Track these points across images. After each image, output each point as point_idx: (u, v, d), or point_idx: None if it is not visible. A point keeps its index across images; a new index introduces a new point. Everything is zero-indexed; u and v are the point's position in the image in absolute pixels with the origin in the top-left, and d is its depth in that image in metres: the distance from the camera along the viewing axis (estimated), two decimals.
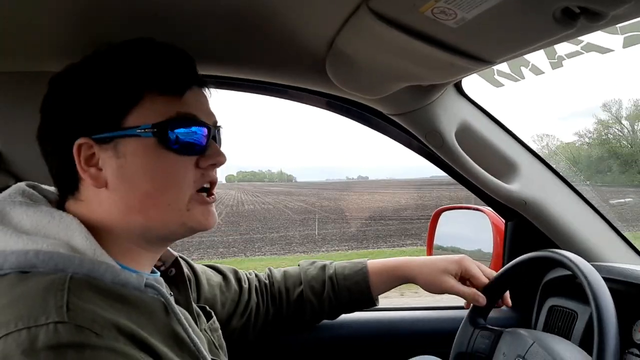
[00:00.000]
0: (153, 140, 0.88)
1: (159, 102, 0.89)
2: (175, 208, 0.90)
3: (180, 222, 0.91)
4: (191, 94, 0.93)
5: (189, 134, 0.90)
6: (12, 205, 0.87)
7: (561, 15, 0.74)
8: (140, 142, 0.88)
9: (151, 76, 0.89)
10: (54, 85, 0.92)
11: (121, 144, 0.88)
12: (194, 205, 0.92)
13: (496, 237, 1.76)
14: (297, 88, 1.51)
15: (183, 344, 0.88)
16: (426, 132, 1.46)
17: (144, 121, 0.88)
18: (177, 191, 0.90)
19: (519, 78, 1.37)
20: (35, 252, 0.80)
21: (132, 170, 0.88)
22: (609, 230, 1.60)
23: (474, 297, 1.35)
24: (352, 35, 1.05)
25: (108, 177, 0.88)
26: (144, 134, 0.87)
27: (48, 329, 0.69)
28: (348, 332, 1.64)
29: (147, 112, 0.88)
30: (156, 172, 0.89)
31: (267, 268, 1.52)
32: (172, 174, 0.90)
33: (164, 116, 0.89)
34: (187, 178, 0.91)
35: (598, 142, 47.52)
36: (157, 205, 0.90)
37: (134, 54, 0.91)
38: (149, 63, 0.90)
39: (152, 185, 0.89)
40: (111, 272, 0.82)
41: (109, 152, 0.88)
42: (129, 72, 0.89)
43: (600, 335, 0.95)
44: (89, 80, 0.89)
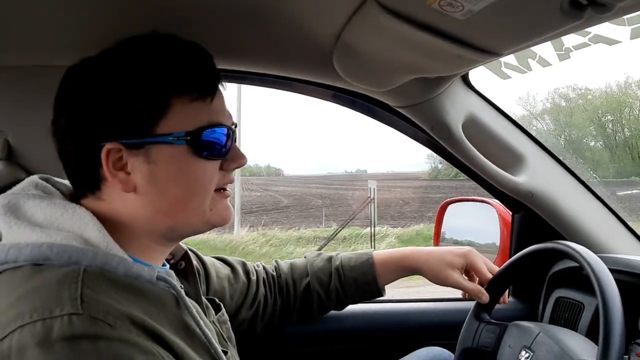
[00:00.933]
0: (185, 148, 0.89)
1: (190, 109, 0.89)
2: (200, 210, 0.93)
3: (204, 221, 0.94)
4: (217, 98, 0.94)
5: (216, 140, 0.92)
6: (26, 199, 0.88)
7: (568, 7, 0.74)
8: (172, 149, 0.88)
9: (181, 81, 0.89)
10: (73, 80, 0.91)
11: (153, 150, 0.88)
12: (215, 204, 0.95)
13: (503, 229, 1.76)
14: (303, 81, 1.51)
15: (194, 336, 0.89)
16: (433, 124, 1.47)
17: (176, 128, 0.88)
18: (204, 195, 0.93)
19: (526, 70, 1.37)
20: (49, 245, 0.81)
21: (163, 176, 0.89)
22: (615, 221, 1.60)
23: (478, 295, 1.36)
24: (359, 27, 1.05)
25: (137, 182, 0.89)
26: (177, 142, 0.88)
27: (62, 320, 0.70)
28: (355, 323, 1.65)
29: (179, 119, 0.88)
30: (187, 178, 0.91)
31: (274, 260, 1.53)
32: (201, 180, 0.92)
33: (196, 123, 0.89)
34: (213, 181, 0.94)
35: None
36: (185, 209, 0.92)
37: (161, 55, 0.90)
38: (178, 66, 0.90)
39: (182, 191, 0.91)
40: (124, 264, 0.83)
41: (140, 158, 0.88)
42: (159, 76, 0.88)
43: (606, 326, 0.95)
44: (117, 81, 0.88)
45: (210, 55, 0.95)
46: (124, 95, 0.87)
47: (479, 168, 1.51)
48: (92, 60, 0.91)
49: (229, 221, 0.99)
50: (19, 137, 1.34)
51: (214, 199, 0.94)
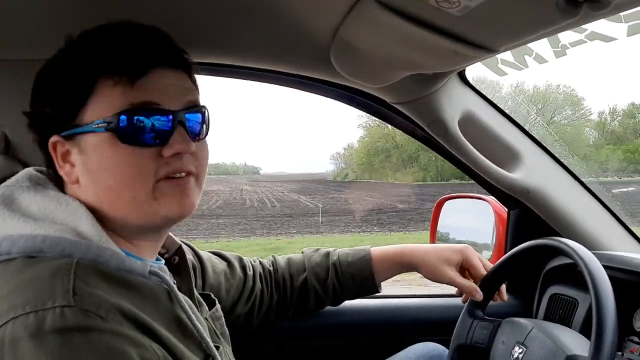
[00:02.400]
0: (108, 135, 0.85)
1: (113, 93, 0.85)
2: (141, 199, 0.87)
3: (152, 212, 0.89)
4: (151, 79, 0.87)
5: (146, 124, 0.86)
6: (20, 191, 0.88)
7: (564, 4, 0.74)
8: (97, 137, 0.86)
9: (101, 64, 0.85)
10: (34, 83, 0.93)
11: (82, 140, 0.87)
12: (161, 194, 0.88)
13: (498, 226, 1.77)
14: (301, 77, 1.51)
15: (186, 330, 0.89)
16: (430, 120, 1.47)
17: (98, 115, 0.85)
18: (138, 183, 0.87)
19: (522, 67, 1.37)
20: (42, 237, 0.81)
21: (94, 165, 0.87)
22: (610, 218, 1.61)
23: (471, 292, 1.37)
24: (357, 23, 1.06)
25: (78, 174, 0.88)
26: (98, 129, 0.85)
27: (55, 312, 0.70)
28: (351, 318, 1.65)
29: (102, 106, 0.85)
30: (115, 166, 0.86)
31: (271, 255, 1.53)
32: (130, 167, 0.86)
33: (117, 108, 0.85)
34: (148, 169, 0.87)
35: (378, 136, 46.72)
36: (122, 199, 0.88)
37: (88, 43, 0.88)
38: (100, 50, 0.87)
39: (114, 180, 0.87)
40: (116, 258, 0.83)
41: (75, 149, 0.88)
42: (80, 64, 0.86)
43: (598, 322, 0.96)
44: (51, 77, 0.89)
45: (151, 31, 0.90)
46: (53, 86, 0.88)
47: (475, 165, 1.51)
48: (46, 61, 0.92)
49: (187, 213, 0.91)
50: (16, 131, 1.34)
51: (159, 187, 0.88)
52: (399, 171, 43.93)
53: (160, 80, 0.88)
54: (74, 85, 0.86)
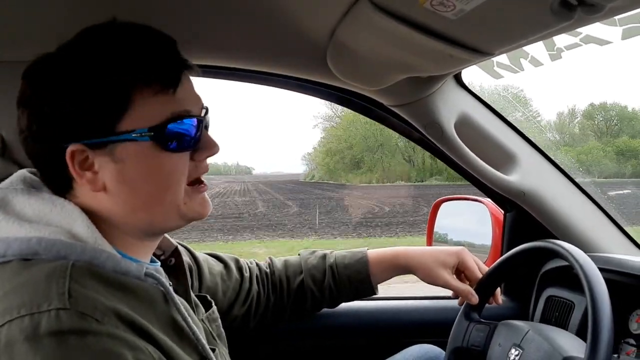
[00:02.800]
0: (150, 143, 0.86)
1: (152, 102, 0.85)
2: (175, 203, 0.90)
3: (181, 215, 0.92)
4: (182, 86, 0.89)
5: (183, 131, 0.88)
6: (15, 193, 0.88)
7: (559, 7, 0.75)
8: (137, 146, 0.85)
9: (141, 74, 0.85)
10: (33, 79, 0.88)
11: (117, 148, 0.85)
12: (190, 198, 0.92)
13: (495, 228, 1.77)
14: (297, 79, 1.51)
15: (182, 333, 0.89)
16: (426, 123, 1.47)
17: (138, 124, 0.85)
18: (176, 188, 0.90)
19: (518, 70, 1.37)
20: (37, 239, 0.80)
21: (131, 173, 0.87)
22: (606, 221, 1.61)
23: (467, 295, 1.37)
24: (353, 26, 1.06)
25: (107, 181, 0.87)
26: (141, 138, 0.85)
27: (50, 315, 0.70)
28: (347, 320, 1.65)
29: (141, 114, 0.85)
30: (157, 173, 0.88)
31: (268, 257, 1.53)
32: (171, 174, 0.89)
33: (159, 118, 0.86)
34: (184, 174, 0.90)
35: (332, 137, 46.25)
36: (160, 204, 0.89)
37: (117, 47, 0.86)
38: (136, 58, 0.86)
39: (154, 186, 0.88)
40: (112, 260, 0.83)
41: (105, 157, 0.86)
42: (116, 71, 0.84)
43: (594, 324, 0.96)
44: (73, 78, 0.84)
45: (171, 41, 0.90)
46: (81, 93, 0.83)
47: (472, 167, 1.51)
48: (49, 57, 0.88)
49: (206, 215, 0.96)
50: (13, 132, 1.34)
51: (188, 193, 0.92)
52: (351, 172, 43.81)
53: (187, 87, 0.91)
54: (109, 95, 0.84)
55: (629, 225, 1.64)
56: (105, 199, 0.88)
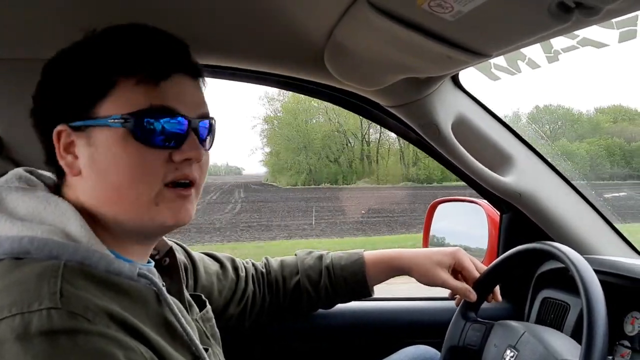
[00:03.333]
0: (123, 131, 0.85)
1: (134, 92, 0.86)
2: (143, 202, 0.87)
3: (149, 217, 0.88)
4: (172, 83, 0.88)
5: (163, 127, 0.86)
6: (9, 191, 0.87)
7: (556, 9, 0.75)
8: (110, 132, 0.85)
9: (126, 62, 0.86)
10: (44, 72, 0.92)
11: (93, 132, 0.86)
12: (162, 200, 0.88)
13: (491, 230, 1.77)
14: (295, 79, 1.51)
15: (175, 333, 0.89)
16: (423, 124, 1.48)
17: (116, 111, 0.85)
18: (145, 184, 0.87)
19: (515, 71, 1.38)
20: (29, 238, 0.80)
21: (101, 160, 0.86)
22: (602, 223, 1.61)
23: (465, 293, 1.37)
24: (350, 27, 1.06)
25: (81, 166, 0.87)
26: (114, 124, 0.85)
27: (41, 314, 0.70)
28: (343, 321, 1.65)
29: (120, 102, 0.86)
30: (124, 163, 0.86)
31: (264, 257, 1.53)
32: (140, 167, 0.86)
33: (136, 107, 0.85)
34: (157, 172, 0.87)
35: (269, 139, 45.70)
36: (125, 198, 0.87)
37: (112, 40, 0.89)
38: (125, 48, 0.87)
39: (121, 177, 0.86)
40: (105, 261, 0.83)
41: (83, 140, 0.87)
42: (103, 58, 0.87)
43: (589, 326, 0.96)
44: (68, 67, 0.88)
45: (174, 38, 0.91)
46: (70, 77, 0.87)
47: (468, 168, 1.52)
48: (62, 53, 0.91)
49: (183, 223, 0.91)
50: (9, 130, 1.34)
51: (162, 192, 0.88)
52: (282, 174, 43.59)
53: (180, 86, 0.90)
54: (93, 78, 0.86)
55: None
56: (81, 185, 0.89)
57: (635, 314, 1.24)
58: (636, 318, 1.24)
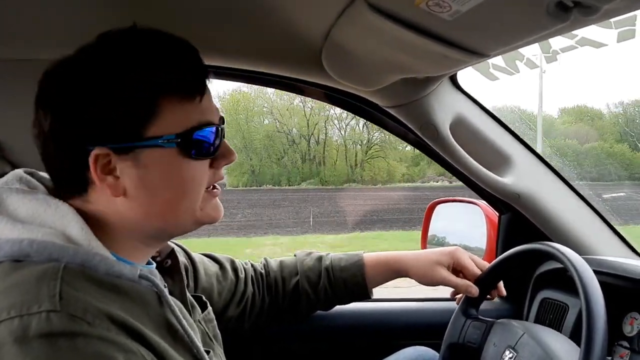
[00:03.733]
0: (175, 150, 0.86)
1: (179, 109, 0.86)
2: (190, 210, 0.91)
3: (194, 221, 0.93)
4: (206, 96, 0.91)
5: (206, 139, 0.90)
6: (9, 193, 0.87)
7: (555, 9, 0.75)
8: (162, 152, 0.86)
9: (169, 81, 0.86)
10: (54, 80, 0.86)
11: (142, 154, 0.85)
12: (205, 204, 0.93)
13: (489, 230, 1.77)
14: (292, 79, 1.50)
15: (176, 335, 0.88)
16: (421, 124, 1.47)
17: (165, 131, 0.85)
18: (195, 194, 0.91)
19: (513, 72, 1.38)
20: (29, 241, 0.79)
21: (153, 179, 0.87)
22: (601, 223, 1.61)
23: (467, 288, 1.37)
24: (348, 27, 1.06)
25: (127, 186, 0.86)
26: (167, 145, 0.85)
27: (40, 317, 0.69)
28: (342, 322, 1.65)
29: (168, 120, 0.85)
30: (178, 180, 0.89)
31: (264, 258, 1.52)
32: (192, 181, 0.90)
33: (185, 125, 0.86)
34: (204, 181, 0.92)
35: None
36: (176, 210, 0.90)
37: (145, 53, 0.86)
38: (165, 65, 0.86)
39: (174, 193, 0.89)
40: (105, 263, 0.82)
41: (129, 162, 0.85)
42: (145, 77, 0.84)
43: (588, 327, 0.96)
44: (101, 83, 0.83)
45: (195, 50, 0.91)
46: (109, 98, 0.83)
47: (466, 169, 1.51)
48: (71, 59, 0.86)
49: (219, 219, 0.97)
50: (7, 132, 1.34)
51: (204, 198, 0.93)
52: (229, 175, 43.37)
53: (209, 96, 0.92)
54: (138, 102, 0.84)
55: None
56: (121, 204, 0.87)
57: (634, 314, 1.24)
58: (635, 319, 1.24)
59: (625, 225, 1.80)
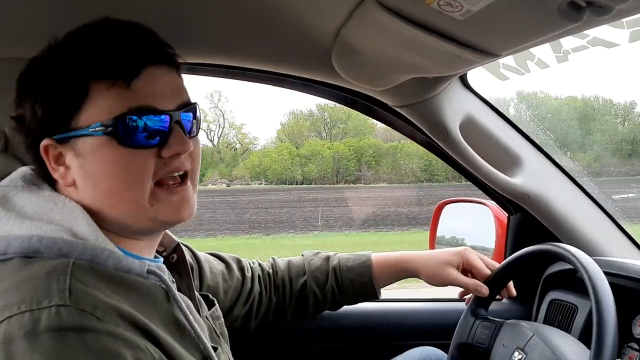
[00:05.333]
0: (106, 138, 0.85)
1: (108, 96, 0.85)
2: (137, 203, 0.88)
3: (151, 218, 0.90)
4: (144, 79, 0.86)
5: (145, 127, 0.86)
6: (16, 191, 0.88)
7: (567, 8, 0.74)
8: (94, 140, 0.85)
9: (94, 67, 0.84)
10: (19, 86, 0.91)
11: (78, 143, 0.86)
12: (158, 199, 0.89)
13: (499, 231, 1.76)
14: (303, 79, 1.50)
15: (184, 331, 0.89)
16: (431, 124, 1.47)
17: (95, 119, 0.85)
18: (138, 184, 0.87)
19: (524, 71, 1.37)
20: (39, 237, 0.81)
21: (92, 168, 0.87)
22: (611, 224, 1.60)
23: (476, 288, 1.36)
24: (358, 26, 1.05)
25: (75, 176, 0.88)
26: (96, 133, 0.85)
27: (50, 312, 0.70)
28: (349, 322, 1.65)
29: (97, 109, 0.85)
30: (114, 169, 0.87)
31: (271, 257, 1.52)
32: (130, 169, 0.87)
33: (114, 112, 0.85)
34: (147, 170, 0.88)
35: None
36: (124, 201, 0.88)
37: (79, 42, 0.87)
38: (92, 51, 0.85)
39: (113, 182, 0.87)
40: (114, 258, 0.83)
41: (70, 152, 0.87)
42: (72, 65, 0.85)
43: (599, 329, 0.96)
44: (40, 77, 0.87)
45: (139, 29, 0.89)
46: (45, 89, 0.86)
47: (476, 169, 1.51)
48: (34, 58, 0.90)
49: (185, 219, 0.92)
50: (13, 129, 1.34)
51: (155, 194, 0.89)
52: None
53: (153, 80, 0.88)
54: (66, 89, 0.85)
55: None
56: (77, 194, 0.89)
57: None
58: None
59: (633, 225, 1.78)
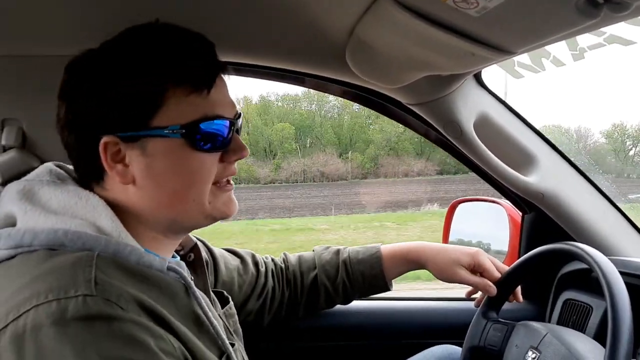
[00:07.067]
0: (181, 141, 0.88)
1: (186, 101, 0.88)
2: (199, 202, 0.92)
3: (205, 215, 0.94)
4: (216, 89, 0.92)
5: (215, 132, 0.91)
6: (41, 185, 0.90)
7: (584, 5, 0.73)
8: (168, 142, 0.88)
9: (176, 72, 0.88)
10: (72, 72, 0.91)
11: (149, 143, 0.88)
12: (214, 197, 0.94)
13: (513, 230, 1.75)
14: (316, 76, 1.51)
15: (202, 327, 0.90)
16: (445, 122, 1.46)
17: (171, 121, 0.88)
18: (202, 186, 0.92)
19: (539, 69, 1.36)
20: (64, 231, 0.82)
21: (160, 168, 0.90)
22: (626, 224, 1.59)
23: (485, 287, 1.36)
24: (373, 23, 1.05)
25: (135, 174, 0.89)
26: (172, 135, 0.88)
27: (77, 301, 0.72)
28: (362, 319, 1.65)
29: (174, 111, 0.88)
30: (184, 170, 0.90)
31: (283, 253, 1.54)
32: (198, 172, 0.91)
33: (191, 116, 0.88)
34: (211, 174, 0.93)
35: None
36: (183, 201, 0.92)
37: (155, 47, 0.89)
38: (174, 56, 0.89)
39: (180, 183, 0.91)
40: (136, 254, 0.85)
41: (136, 151, 0.89)
42: (152, 68, 0.88)
43: (614, 329, 0.95)
44: (113, 73, 0.88)
45: (209, 43, 0.93)
46: (118, 87, 0.87)
47: (490, 167, 1.50)
48: (91, 53, 0.91)
49: (231, 215, 0.98)
50: (32, 126, 1.36)
51: (213, 193, 0.94)
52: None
53: (221, 89, 0.94)
54: (145, 91, 0.87)
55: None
56: (133, 193, 0.91)
57: None
58: None
59: None
